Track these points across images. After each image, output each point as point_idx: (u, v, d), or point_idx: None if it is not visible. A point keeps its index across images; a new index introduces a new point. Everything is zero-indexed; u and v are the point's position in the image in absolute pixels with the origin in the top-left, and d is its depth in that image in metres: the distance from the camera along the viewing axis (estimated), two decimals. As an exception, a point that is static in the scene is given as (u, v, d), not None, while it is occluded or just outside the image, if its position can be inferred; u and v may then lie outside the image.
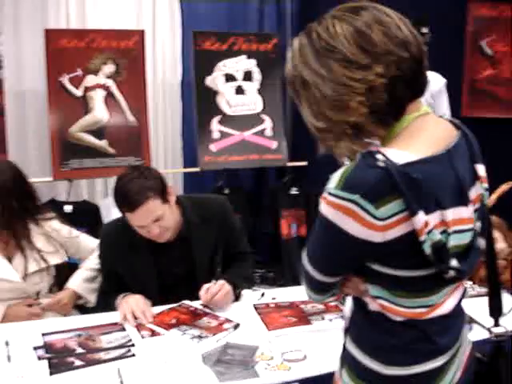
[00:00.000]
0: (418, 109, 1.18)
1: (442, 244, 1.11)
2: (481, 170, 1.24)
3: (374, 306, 1.25)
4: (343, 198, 1.09)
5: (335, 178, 1.11)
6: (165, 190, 2.29)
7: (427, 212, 1.08)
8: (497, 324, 1.50)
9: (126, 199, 2.21)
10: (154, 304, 2.30)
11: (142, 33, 4.15)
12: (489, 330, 1.50)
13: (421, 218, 1.07)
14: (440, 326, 1.26)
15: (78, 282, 2.52)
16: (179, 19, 4.65)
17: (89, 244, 2.63)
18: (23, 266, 2.41)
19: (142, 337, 2.08)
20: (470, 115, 5.05)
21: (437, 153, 1.14)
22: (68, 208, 3.95)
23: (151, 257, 2.39)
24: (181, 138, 4.80)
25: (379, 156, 1.09)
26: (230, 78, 4.46)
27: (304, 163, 4.70)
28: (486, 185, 1.25)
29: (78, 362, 1.87)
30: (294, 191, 4.74)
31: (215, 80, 4.40)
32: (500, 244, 2.57)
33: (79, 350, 1.95)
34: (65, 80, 3.94)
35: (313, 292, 1.33)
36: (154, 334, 2.10)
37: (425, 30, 4.32)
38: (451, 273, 1.14)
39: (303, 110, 1.22)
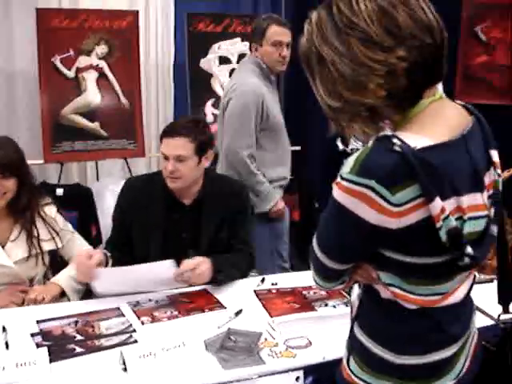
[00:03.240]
0: (433, 93, 1.15)
1: (457, 231, 1.08)
2: (495, 155, 1.21)
3: (386, 293, 1.22)
4: (358, 184, 1.05)
5: (350, 163, 1.07)
6: (204, 149, 2.41)
7: (443, 198, 1.05)
8: (506, 311, 1.49)
9: (171, 126, 2.46)
10: None
11: (136, 13, 4.08)
12: (498, 316, 1.50)
13: (437, 204, 1.04)
14: (452, 314, 1.24)
15: (63, 278, 2.43)
16: (172, 0, 4.58)
17: (82, 245, 2.56)
18: (17, 251, 2.36)
19: (142, 323, 2.04)
20: (464, 102, 5.04)
21: (452, 138, 1.11)
22: (59, 191, 3.89)
23: (164, 214, 2.44)
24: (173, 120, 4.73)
25: (395, 140, 1.05)
26: (224, 60, 4.40)
27: (297, 148, 4.67)
28: (499, 171, 1.21)
29: (78, 349, 1.82)
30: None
31: (209, 62, 4.35)
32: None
33: (79, 337, 1.91)
34: (57, 61, 3.88)
35: (322, 279, 1.30)
36: (154, 319, 2.07)
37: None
38: (466, 260, 1.10)
39: (316, 88, 1.17)
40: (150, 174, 2.70)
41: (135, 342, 1.89)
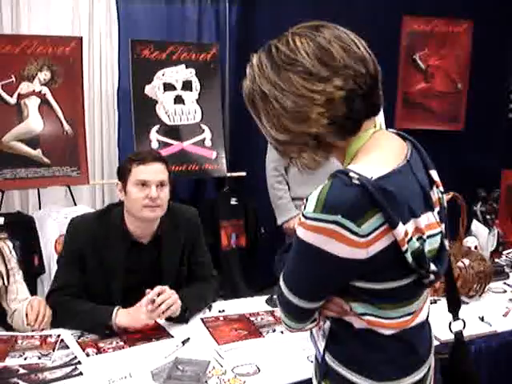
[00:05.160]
0: (373, 125, 1.24)
1: (420, 251, 1.14)
2: (435, 175, 1.30)
3: (360, 323, 1.24)
4: (325, 221, 1.09)
5: (312, 201, 1.11)
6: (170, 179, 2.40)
7: (404, 222, 1.11)
8: (456, 317, 1.54)
9: (145, 153, 2.38)
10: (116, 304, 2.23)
11: (79, 39, 4.04)
12: (449, 323, 1.53)
13: (401, 228, 1.09)
14: (420, 335, 1.30)
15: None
16: (116, 27, 4.56)
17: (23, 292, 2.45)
18: None
19: (87, 354, 2.00)
20: (404, 127, 5.19)
21: (400, 164, 1.18)
22: (0, 220, 3.78)
23: (124, 256, 2.34)
24: (117, 147, 4.69)
25: (352, 174, 1.10)
26: (168, 87, 4.40)
27: (243, 173, 4.70)
28: (441, 188, 1.30)
29: (22, 383, 1.78)
30: (233, 201, 4.72)
31: (154, 89, 4.34)
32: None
33: (22, 371, 1.86)
34: (-3, 87, 3.79)
35: (294, 321, 1.29)
36: (99, 351, 2.03)
37: (361, 43, 4.41)
38: (431, 277, 1.17)
39: (263, 125, 1.24)
40: (97, 212, 2.55)
41: (80, 374, 1.86)
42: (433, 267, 1.17)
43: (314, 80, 1.13)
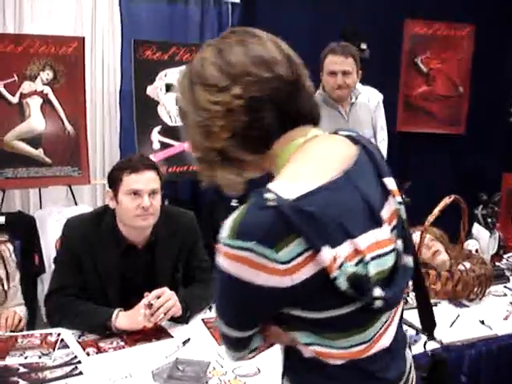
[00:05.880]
0: (304, 134, 1.10)
1: (359, 275, 0.99)
2: (390, 183, 1.13)
3: (309, 353, 1.10)
4: (239, 248, 0.97)
5: (227, 226, 0.99)
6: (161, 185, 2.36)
7: (334, 245, 0.97)
8: (431, 337, 1.46)
9: (136, 160, 2.31)
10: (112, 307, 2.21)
11: (82, 40, 4.05)
12: (424, 344, 1.50)
13: (326, 253, 0.96)
14: (383, 361, 1.13)
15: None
16: (119, 27, 4.57)
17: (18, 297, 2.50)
18: None
19: (88, 354, 2.00)
20: (405, 130, 5.21)
21: (334, 177, 1.03)
22: (1, 219, 3.78)
23: (118, 258, 2.32)
24: (119, 148, 4.70)
25: (268, 195, 0.97)
26: (171, 88, 4.40)
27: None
28: (399, 198, 1.14)
29: (22, 382, 1.78)
30: (233, 203, 4.71)
31: (156, 90, 4.34)
32: (443, 256, 2.63)
33: (22, 370, 1.86)
34: (0, 86, 3.80)
35: (232, 350, 1.17)
36: (99, 350, 2.03)
37: (363, 45, 4.42)
38: (377, 303, 1.01)
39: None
40: (92, 213, 2.48)
41: (80, 373, 1.86)
42: (378, 292, 1.00)
43: (213, 91, 1.06)
